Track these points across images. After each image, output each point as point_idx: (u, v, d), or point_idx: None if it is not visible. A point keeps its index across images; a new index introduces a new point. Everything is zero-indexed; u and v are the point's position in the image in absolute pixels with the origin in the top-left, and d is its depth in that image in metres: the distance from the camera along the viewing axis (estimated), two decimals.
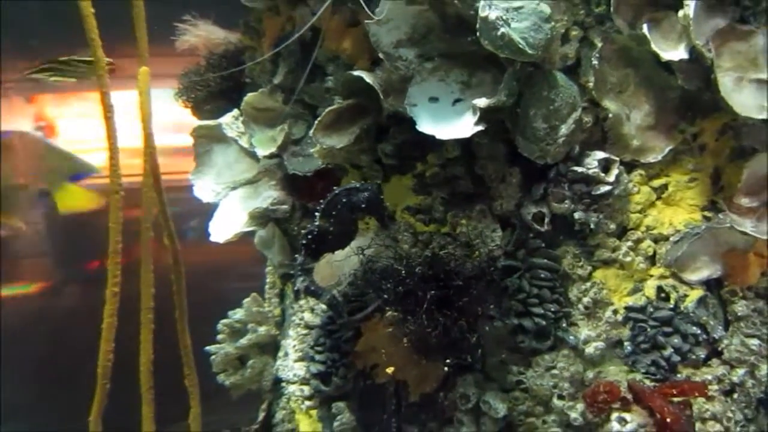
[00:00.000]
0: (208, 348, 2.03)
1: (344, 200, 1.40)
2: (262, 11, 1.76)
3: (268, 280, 2.06)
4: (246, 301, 2.09)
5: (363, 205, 1.40)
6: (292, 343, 1.79)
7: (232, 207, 1.74)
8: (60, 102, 3.89)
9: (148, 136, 1.74)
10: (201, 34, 1.96)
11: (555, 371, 1.46)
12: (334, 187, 1.41)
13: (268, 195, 1.68)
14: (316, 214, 1.41)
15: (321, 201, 1.41)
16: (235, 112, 1.79)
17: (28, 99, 3.97)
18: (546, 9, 1.32)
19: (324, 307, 1.67)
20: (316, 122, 1.46)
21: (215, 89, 1.93)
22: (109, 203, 1.61)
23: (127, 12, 1.69)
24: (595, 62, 1.39)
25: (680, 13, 1.30)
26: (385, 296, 1.35)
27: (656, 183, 1.47)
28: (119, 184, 1.62)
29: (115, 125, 1.62)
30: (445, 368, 1.41)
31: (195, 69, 1.97)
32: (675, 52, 1.31)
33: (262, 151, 1.66)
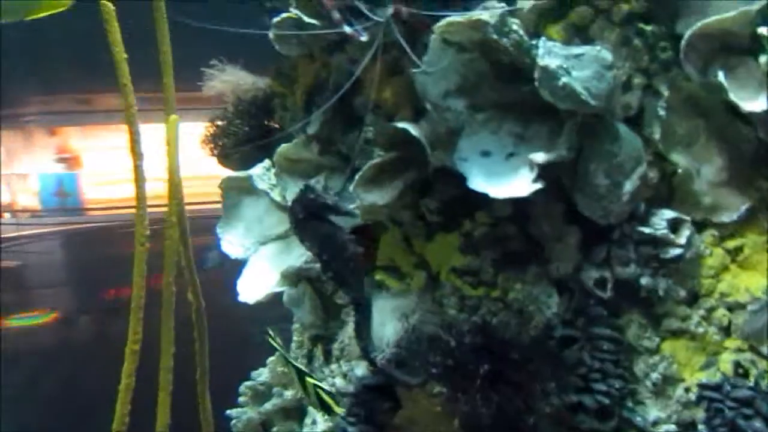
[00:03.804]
0: (229, 412, 1.93)
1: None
2: (296, 57, 1.69)
3: (294, 339, 1.95)
4: (270, 360, 2.00)
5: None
6: None
7: (263, 264, 1.64)
8: (87, 135, 3.88)
9: (176, 187, 1.68)
10: (229, 80, 1.90)
11: None
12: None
13: (302, 252, 1.58)
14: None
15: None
16: (266, 162, 1.71)
17: (50, 132, 3.96)
18: (608, 56, 1.22)
19: (359, 374, 1.56)
20: (357, 177, 1.36)
21: (243, 137, 1.86)
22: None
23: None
24: (661, 112, 1.28)
25: (762, 59, 1.19)
26: (434, 370, 1.22)
27: (730, 244, 1.34)
28: (146, 235, 1.55)
29: (144, 173, 1.56)
30: None
31: (222, 115, 1.91)
32: (756, 103, 1.19)
33: None
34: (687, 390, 1.32)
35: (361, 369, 1.55)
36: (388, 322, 1.36)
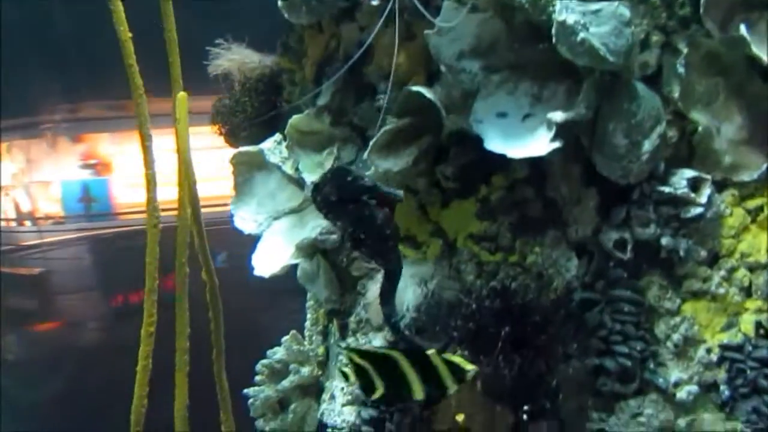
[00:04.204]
0: (246, 391, 1.92)
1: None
2: (303, 30, 1.67)
3: (309, 317, 1.94)
4: (285, 339, 1.98)
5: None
6: (339, 386, 1.66)
7: (276, 238, 1.63)
8: (121, 140, 3.88)
9: (187, 167, 1.66)
10: (235, 58, 1.88)
11: (642, 419, 1.30)
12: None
13: (316, 224, 1.56)
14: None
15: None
16: (277, 136, 1.69)
17: (75, 139, 3.97)
18: (626, 12, 1.20)
19: (377, 345, 1.55)
20: (371, 143, 1.34)
21: (252, 114, 1.84)
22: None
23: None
24: (681, 70, 1.26)
25: None
26: (455, 334, 1.21)
27: (751, 204, 1.32)
28: (157, 217, 1.54)
29: (153, 155, 1.54)
30: (524, 415, 1.25)
31: (230, 94, 1.89)
32: None
33: (310, 177, 1.54)
34: (708, 351, 1.31)
35: (378, 340, 1.54)
36: (408, 286, 1.35)
